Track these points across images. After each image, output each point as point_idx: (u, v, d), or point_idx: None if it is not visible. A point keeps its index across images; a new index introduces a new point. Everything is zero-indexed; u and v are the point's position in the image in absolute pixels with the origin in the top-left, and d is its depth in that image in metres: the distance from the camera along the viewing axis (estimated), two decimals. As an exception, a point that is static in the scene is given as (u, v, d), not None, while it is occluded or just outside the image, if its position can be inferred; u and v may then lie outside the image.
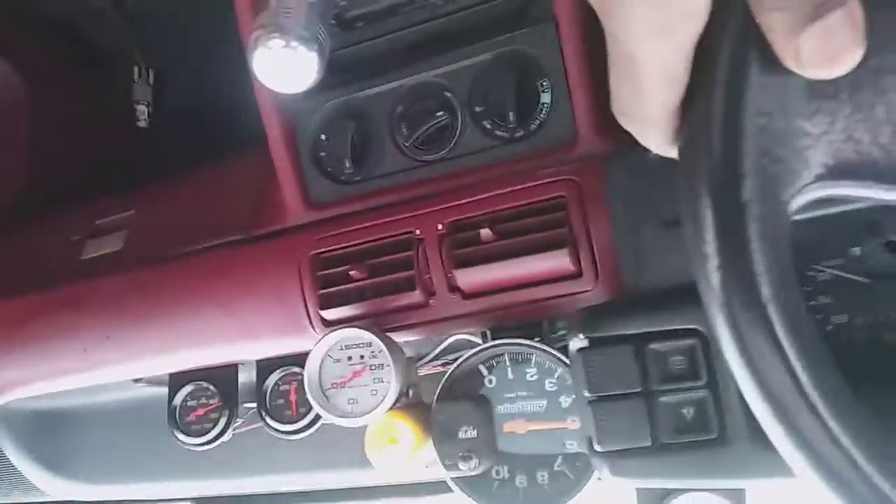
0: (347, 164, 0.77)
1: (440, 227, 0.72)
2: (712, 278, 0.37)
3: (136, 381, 0.96)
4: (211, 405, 0.91)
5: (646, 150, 0.46)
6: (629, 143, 0.47)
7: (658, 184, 0.61)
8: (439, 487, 0.88)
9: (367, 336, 0.72)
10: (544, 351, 0.70)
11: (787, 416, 0.36)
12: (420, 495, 0.97)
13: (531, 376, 0.71)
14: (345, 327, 0.73)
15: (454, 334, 0.80)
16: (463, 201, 0.72)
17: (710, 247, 0.37)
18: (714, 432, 0.56)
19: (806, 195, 0.38)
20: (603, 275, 0.66)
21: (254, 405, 0.90)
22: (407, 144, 0.75)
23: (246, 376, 0.92)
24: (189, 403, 0.92)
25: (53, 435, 1.11)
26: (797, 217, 0.53)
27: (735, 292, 0.36)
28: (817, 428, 0.36)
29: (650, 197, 0.62)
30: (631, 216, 0.63)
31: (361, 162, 0.77)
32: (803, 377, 0.36)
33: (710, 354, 0.57)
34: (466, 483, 0.71)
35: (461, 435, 0.70)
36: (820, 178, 0.38)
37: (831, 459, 0.36)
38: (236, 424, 0.92)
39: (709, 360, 0.57)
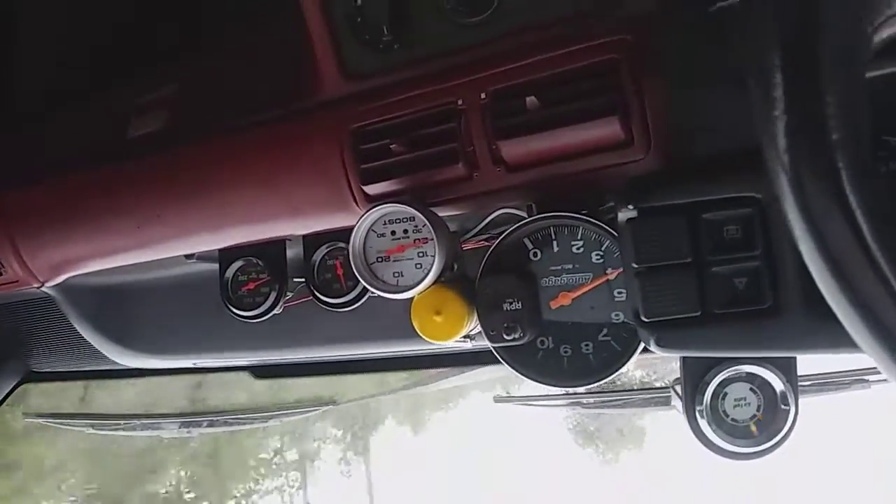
0: (385, 31, 0.73)
1: (483, 95, 0.69)
2: (775, 114, 0.34)
3: (188, 257, 0.99)
4: (261, 279, 0.93)
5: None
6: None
7: (719, 41, 0.56)
8: (485, 357, 0.90)
9: (410, 211, 0.72)
10: (591, 223, 0.68)
11: (845, 274, 0.34)
12: (466, 365, 0.99)
13: (577, 249, 0.70)
14: (387, 202, 0.72)
15: (499, 209, 0.78)
16: (507, 67, 0.68)
17: (776, 75, 0.33)
18: (767, 302, 0.54)
19: (893, 27, 0.33)
20: (655, 143, 0.63)
21: (303, 280, 0.92)
22: (447, 7, 0.71)
23: (294, 252, 0.93)
24: (240, 278, 0.95)
25: (117, 309, 1.16)
26: (875, 71, 0.48)
27: (801, 132, 0.33)
28: (881, 292, 0.33)
29: (710, 56, 0.57)
30: (688, 78, 0.59)
31: (399, 28, 0.73)
32: (867, 232, 0.34)
33: (768, 223, 0.54)
34: (510, 353, 0.72)
35: (505, 307, 0.71)
36: None
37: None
38: (287, 298, 0.95)
39: (766, 230, 0.54)
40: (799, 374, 0.66)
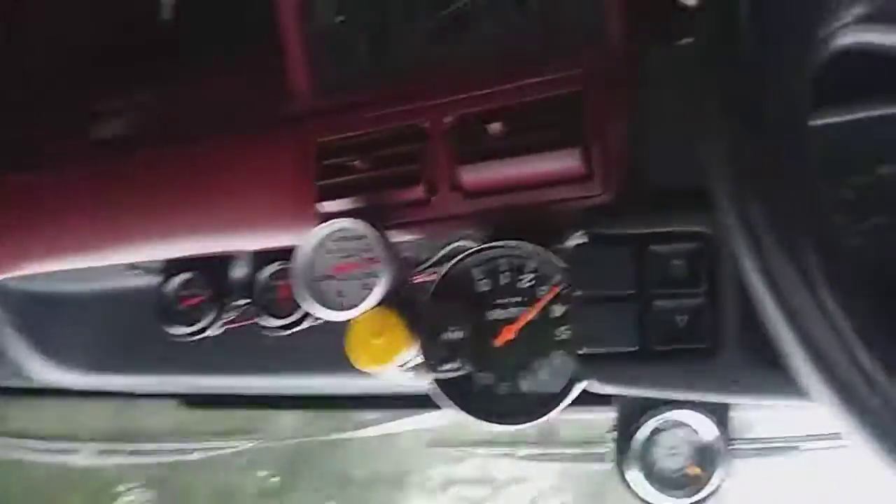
0: (360, 49, 0.74)
1: (447, 119, 0.69)
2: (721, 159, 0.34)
3: (131, 267, 0.95)
4: (201, 296, 0.90)
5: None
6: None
7: (685, 77, 0.57)
8: (425, 402, 0.87)
9: (361, 228, 0.70)
10: (540, 255, 0.67)
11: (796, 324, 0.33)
12: (405, 407, 0.96)
13: (527, 282, 0.69)
14: (340, 219, 0.71)
15: (453, 241, 0.77)
16: (474, 93, 0.69)
17: (723, 92, 0.34)
18: (706, 342, 0.53)
19: (837, 40, 0.34)
20: (616, 179, 0.63)
21: (249, 301, 0.89)
22: (423, 30, 0.72)
23: (241, 272, 0.91)
24: (181, 293, 0.91)
25: (46, 319, 1.11)
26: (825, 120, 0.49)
27: (749, 179, 0.33)
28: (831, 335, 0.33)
29: (675, 93, 0.58)
30: (653, 115, 0.60)
31: (375, 46, 0.74)
32: (815, 270, 0.33)
33: (715, 260, 0.54)
34: (447, 385, 0.69)
35: (447, 336, 0.68)
36: (860, 21, 0.34)
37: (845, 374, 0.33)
38: (228, 318, 0.91)
39: (711, 267, 0.54)
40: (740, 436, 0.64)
